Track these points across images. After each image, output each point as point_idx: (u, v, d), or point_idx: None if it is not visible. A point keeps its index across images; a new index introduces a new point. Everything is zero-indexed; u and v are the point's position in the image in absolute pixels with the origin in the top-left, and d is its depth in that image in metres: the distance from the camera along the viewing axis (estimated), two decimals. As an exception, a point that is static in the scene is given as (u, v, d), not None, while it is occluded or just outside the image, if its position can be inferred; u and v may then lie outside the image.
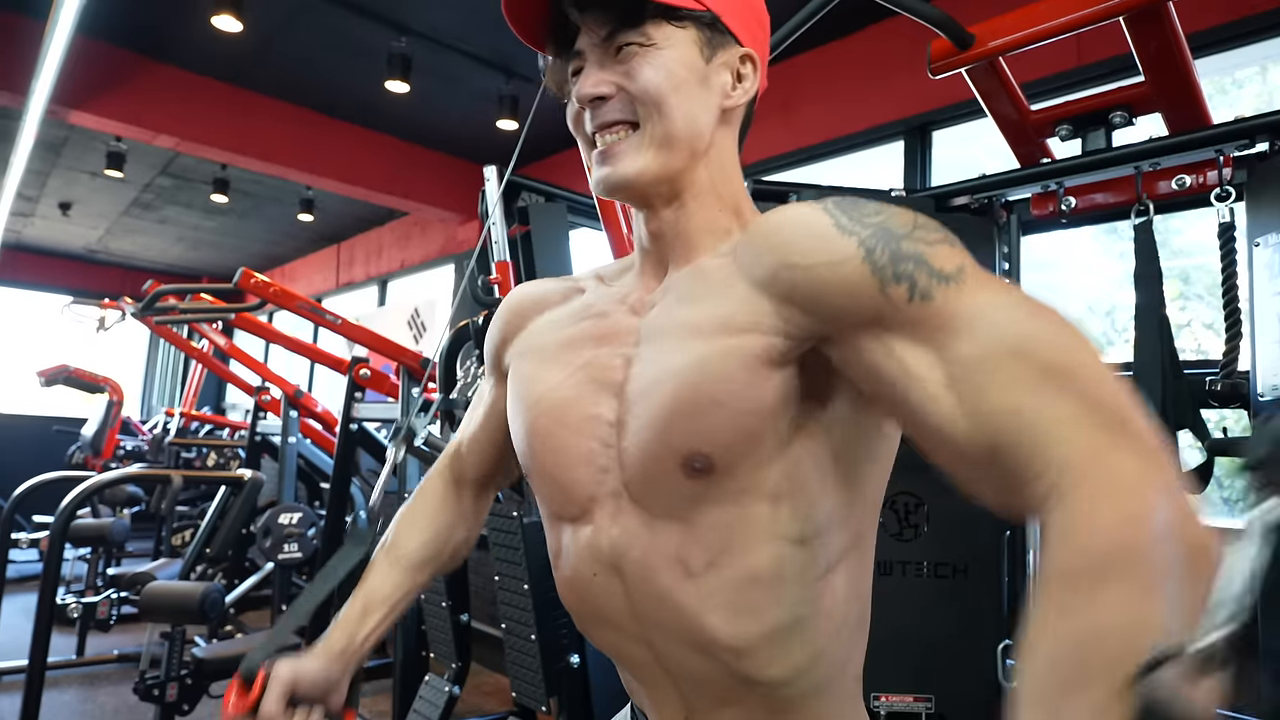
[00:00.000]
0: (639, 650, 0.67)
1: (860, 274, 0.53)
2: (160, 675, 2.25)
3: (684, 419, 0.59)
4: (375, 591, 0.82)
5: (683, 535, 0.61)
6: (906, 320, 0.52)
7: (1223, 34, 2.38)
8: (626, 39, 0.64)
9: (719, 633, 0.61)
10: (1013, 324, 0.49)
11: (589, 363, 0.67)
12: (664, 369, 0.61)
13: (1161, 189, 1.58)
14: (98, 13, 3.06)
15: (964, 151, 3.14)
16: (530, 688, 1.89)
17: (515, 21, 0.68)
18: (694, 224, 0.68)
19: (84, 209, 6.66)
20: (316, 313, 3.26)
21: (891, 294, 0.52)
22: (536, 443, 0.69)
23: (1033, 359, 0.47)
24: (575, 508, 0.67)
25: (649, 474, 0.62)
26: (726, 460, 0.59)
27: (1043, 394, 0.45)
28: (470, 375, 2.02)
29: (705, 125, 0.66)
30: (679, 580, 0.61)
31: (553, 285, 0.79)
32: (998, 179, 1.72)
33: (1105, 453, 0.42)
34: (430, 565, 0.87)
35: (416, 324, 5.79)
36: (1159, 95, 1.54)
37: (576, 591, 0.70)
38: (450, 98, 4.36)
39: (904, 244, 0.53)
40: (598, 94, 0.65)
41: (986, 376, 0.48)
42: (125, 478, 3.13)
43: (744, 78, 0.68)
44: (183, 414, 5.66)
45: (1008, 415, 0.46)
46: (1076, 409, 0.44)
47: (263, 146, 4.60)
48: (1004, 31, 1.49)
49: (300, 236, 7.23)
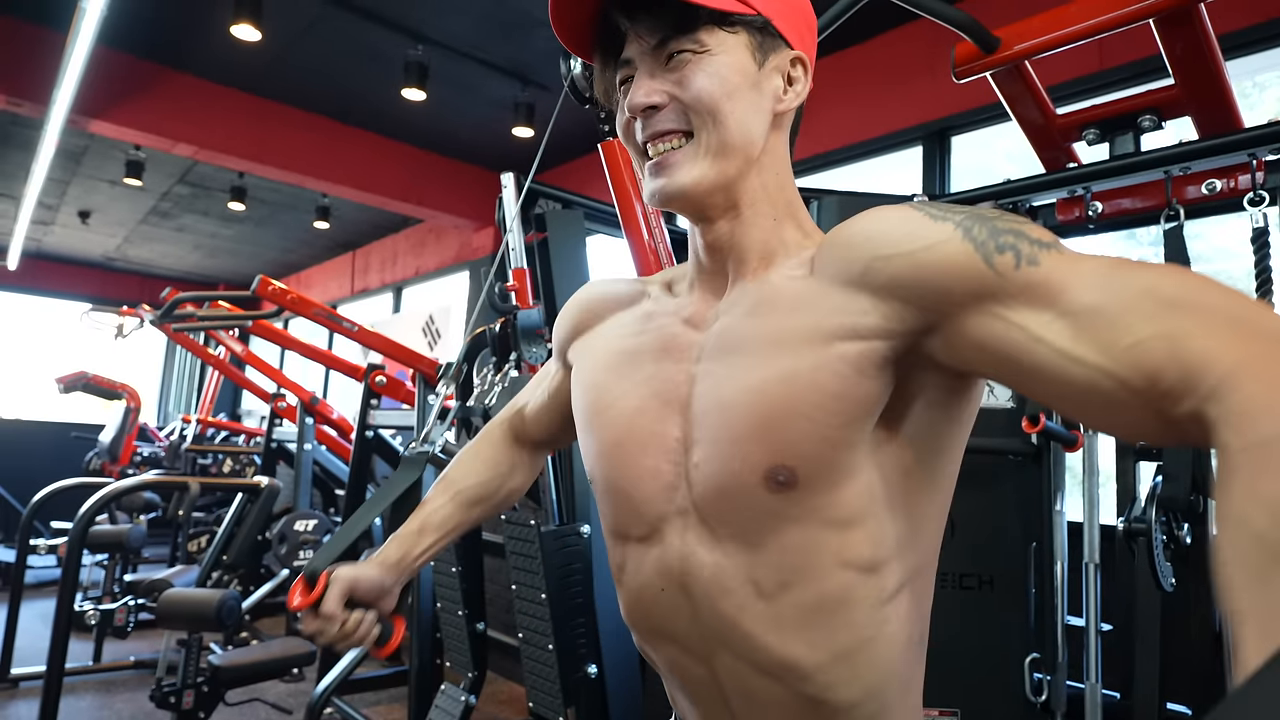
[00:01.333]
0: (699, 669, 0.66)
1: (963, 251, 0.53)
2: (177, 682, 2.25)
3: (768, 432, 0.58)
4: (431, 516, 0.89)
5: (753, 557, 0.61)
6: (1016, 288, 0.51)
7: (1249, 36, 2.34)
8: (678, 46, 0.63)
9: (789, 655, 0.60)
10: (1124, 270, 0.49)
11: (652, 377, 0.67)
12: (741, 384, 0.60)
13: (1191, 194, 1.55)
14: (118, 23, 3.10)
15: (983, 156, 3.11)
16: (547, 698, 1.87)
17: (561, 29, 0.67)
18: (751, 235, 0.66)
19: (103, 217, 6.74)
20: (332, 319, 3.26)
21: (998, 265, 0.52)
22: (608, 460, 0.69)
23: (1159, 294, 0.46)
24: (644, 526, 0.67)
25: (725, 491, 0.61)
26: (809, 474, 0.58)
27: (1182, 319, 0.45)
28: (487, 383, 2.01)
29: (759, 131, 0.65)
30: (750, 602, 0.61)
31: (623, 287, 0.79)
32: (1023, 184, 1.69)
33: (1266, 351, 0.41)
34: (483, 505, 0.92)
35: (431, 331, 5.80)
36: (1189, 98, 1.51)
37: (641, 607, 0.69)
38: (466, 105, 4.38)
39: (998, 223, 0.54)
40: (650, 103, 0.63)
41: (1118, 316, 0.47)
42: (142, 484, 3.14)
43: (795, 80, 0.67)
44: (199, 420, 5.69)
45: (1154, 341, 0.45)
46: (1221, 326, 0.43)
47: (280, 155, 4.64)
48: (1031, 34, 1.47)
49: (316, 244, 7.29)
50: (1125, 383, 0.46)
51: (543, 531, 1.87)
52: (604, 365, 0.72)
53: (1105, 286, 0.49)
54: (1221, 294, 0.45)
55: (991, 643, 1.63)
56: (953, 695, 1.59)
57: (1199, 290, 0.46)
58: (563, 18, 0.66)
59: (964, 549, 1.65)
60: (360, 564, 0.82)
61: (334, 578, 0.79)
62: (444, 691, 2.32)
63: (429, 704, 2.34)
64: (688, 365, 0.65)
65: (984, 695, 1.61)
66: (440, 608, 2.36)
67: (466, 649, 2.27)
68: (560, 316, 0.83)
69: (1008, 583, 1.64)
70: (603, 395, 0.70)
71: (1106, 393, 0.47)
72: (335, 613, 0.77)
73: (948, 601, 1.64)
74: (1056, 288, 0.50)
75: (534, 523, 1.89)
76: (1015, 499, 1.69)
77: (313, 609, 0.77)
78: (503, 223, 2.08)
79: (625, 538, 0.69)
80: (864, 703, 0.62)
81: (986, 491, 1.68)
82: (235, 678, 2.38)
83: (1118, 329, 0.47)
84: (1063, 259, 0.51)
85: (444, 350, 5.56)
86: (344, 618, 0.79)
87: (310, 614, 0.77)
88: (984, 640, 1.63)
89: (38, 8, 3.61)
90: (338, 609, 0.78)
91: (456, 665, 2.33)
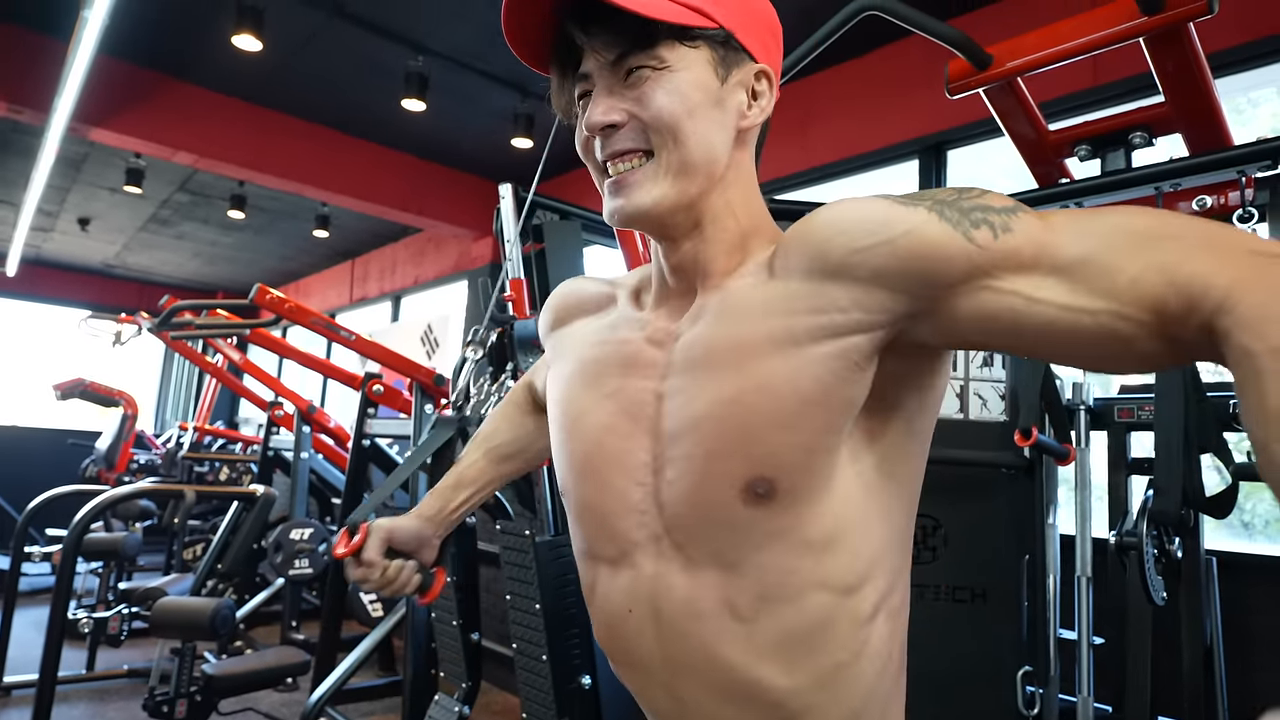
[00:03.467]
0: (665, 700, 0.65)
1: (942, 231, 0.53)
2: (170, 691, 2.25)
3: (745, 446, 0.57)
4: (467, 470, 0.92)
5: (729, 578, 0.60)
6: (999, 257, 0.52)
7: (1240, 55, 2.37)
8: (637, 62, 0.60)
9: (764, 680, 0.59)
10: (1092, 218, 0.51)
11: (618, 391, 0.66)
12: (714, 398, 0.59)
13: (1182, 209, 1.57)
14: (120, 32, 3.12)
15: (978, 171, 3.13)
16: (541, 708, 1.87)
17: (516, 43, 0.65)
18: (714, 250, 0.65)
19: (102, 224, 6.75)
20: (330, 328, 3.27)
21: (977, 239, 0.52)
22: (579, 476, 0.68)
23: (1132, 232, 0.49)
24: (614, 549, 0.66)
25: (700, 508, 0.60)
26: (788, 485, 0.57)
27: (1163, 250, 0.47)
28: (484, 393, 2.02)
29: (722, 149, 0.63)
30: (725, 625, 0.60)
31: (594, 289, 0.77)
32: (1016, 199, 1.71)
33: (1262, 264, 0.44)
34: (515, 460, 0.94)
35: (429, 340, 5.81)
36: (1179, 116, 1.53)
37: (610, 629, 0.68)
38: (466, 116, 4.40)
39: (962, 201, 0.54)
40: (609, 121, 0.61)
41: (1106, 261, 0.49)
42: (138, 492, 3.14)
43: (760, 95, 0.65)
44: (196, 428, 5.69)
45: (1148, 274, 0.47)
46: (1199, 250, 0.46)
47: (280, 163, 4.65)
48: (1023, 52, 1.49)
49: (315, 252, 7.30)
50: (1132, 318, 0.48)
51: (537, 542, 1.87)
52: (572, 374, 0.71)
53: (1084, 235, 0.50)
54: (1185, 222, 0.48)
55: (984, 655, 1.63)
56: (945, 708, 1.60)
57: (1166, 221, 0.49)
58: (516, 29, 0.64)
59: (957, 562, 1.65)
60: (400, 517, 0.86)
61: (373, 528, 0.84)
62: (438, 702, 2.31)
63: (423, 714, 2.33)
64: (654, 383, 0.64)
65: (976, 708, 1.61)
66: (435, 617, 2.36)
67: (461, 659, 2.27)
68: (541, 317, 0.83)
69: (1000, 595, 1.64)
70: (572, 406, 0.70)
71: (1117, 333, 0.48)
72: (376, 560, 0.82)
73: (940, 614, 1.64)
74: (1038, 247, 0.51)
75: (529, 533, 1.89)
76: (1008, 512, 1.70)
77: (355, 557, 0.82)
78: (500, 233, 2.10)
79: (596, 558, 0.68)
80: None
81: (979, 505, 1.69)
82: (229, 687, 2.37)
83: (1112, 271, 0.48)
84: (1032, 221, 0.53)
85: (442, 360, 5.56)
86: (384, 565, 0.83)
87: (354, 561, 0.82)
88: (976, 653, 1.63)
89: (40, 16, 3.63)
90: (378, 556, 0.83)
91: (451, 675, 2.33)
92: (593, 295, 0.77)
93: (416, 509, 0.88)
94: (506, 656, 2.18)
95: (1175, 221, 0.48)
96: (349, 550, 0.82)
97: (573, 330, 0.76)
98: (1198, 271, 0.45)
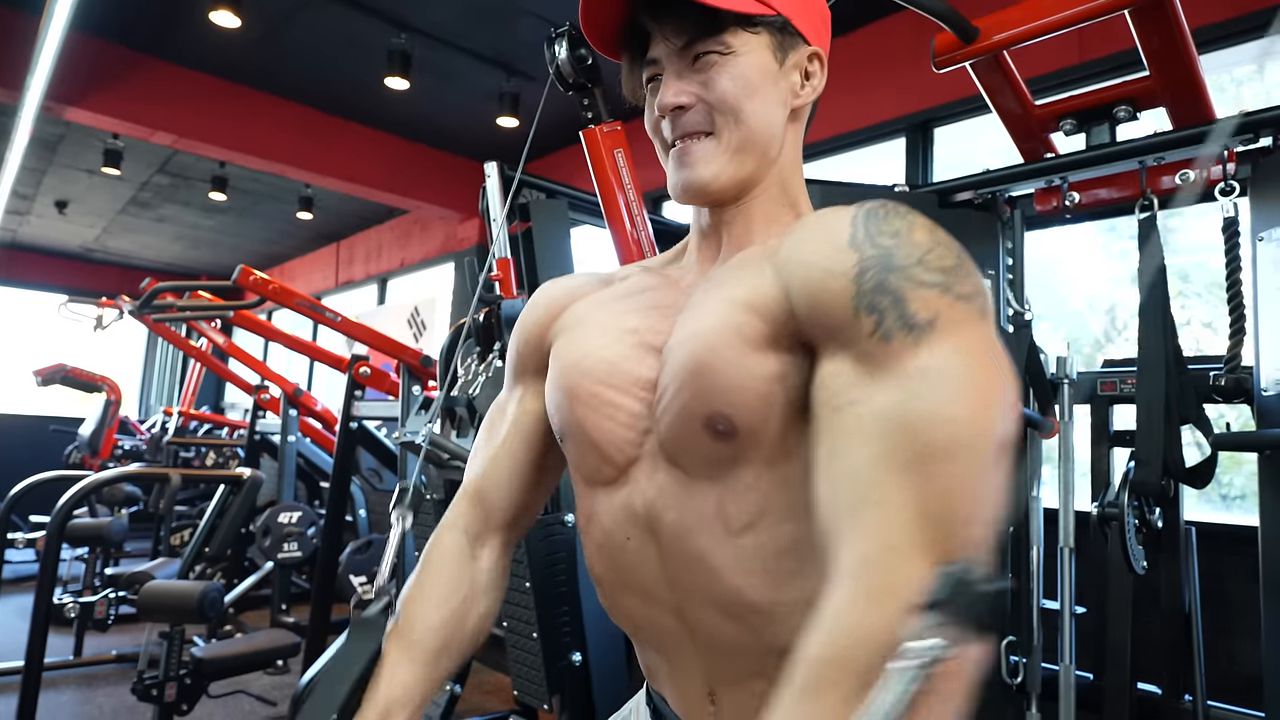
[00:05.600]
0: (667, 619, 0.67)
1: (843, 292, 0.54)
2: (159, 675, 2.24)
3: (702, 379, 0.61)
4: (392, 692, 0.69)
5: (720, 495, 0.62)
6: (863, 351, 0.53)
7: (1224, 30, 2.37)
8: (704, 48, 0.65)
9: (754, 596, 0.61)
10: (930, 396, 0.50)
11: (637, 328, 0.69)
12: (689, 330, 0.64)
13: (1165, 184, 1.58)
14: (93, 8, 3.05)
15: (966, 149, 3.13)
16: (532, 686, 1.88)
17: (590, 31, 0.70)
18: (756, 216, 0.70)
19: (81, 207, 6.64)
20: (316, 310, 3.25)
21: (861, 321, 0.53)
22: (576, 403, 0.69)
23: (916, 440, 0.48)
24: (612, 469, 0.68)
25: (680, 433, 0.63)
26: (748, 424, 0.59)
27: (893, 479, 0.48)
28: (471, 373, 2.01)
29: (778, 127, 0.69)
30: (718, 540, 0.61)
31: (584, 278, 0.80)
32: (1001, 174, 1.71)
33: (898, 556, 0.46)
34: (450, 651, 0.73)
35: (416, 322, 5.78)
36: (1163, 90, 1.54)
37: (608, 557, 0.69)
38: (451, 95, 4.35)
39: (892, 277, 0.53)
40: (679, 103, 0.66)
41: (864, 439, 0.50)
42: (122, 476, 3.12)
43: (812, 75, 0.71)
44: (181, 413, 5.64)
45: (846, 484, 0.50)
46: (910, 506, 0.47)
47: (261, 144, 4.59)
48: (1008, 25, 1.49)
49: (299, 235, 7.22)
50: (816, 501, 0.52)
51: (527, 520, 1.87)
52: (584, 329, 0.73)
53: (898, 402, 0.50)
54: (968, 466, 0.48)
55: (969, 626, 1.65)
56: (931, 678, 1.62)
57: (956, 450, 0.48)
58: (592, 20, 0.69)
59: (942, 534, 1.67)
60: None
61: None
62: (429, 681, 2.32)
63: (414, 693, 2.34)
64: (673, 319, 0.68)
65: (961, 678, 1.64)
66: (425, 597, 2.36)
67: (451, 638, 2.28)
68: (515, 332, 0.81)
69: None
70: (577, 347, 0.72)
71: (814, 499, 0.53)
72: None
73: (926, 586, 1.66)
74: (884, 374, 0.51)
75: (518, 511, 1.89)
76: (993, 485, 1.72)
77: None
78: (486, 212, 2.08)
79: (594, 482, 0.70)
80: None
81: (965, 478, 1.71)
82: (218, 670, 2.37)
83: (850, 453, 0.51)
84: (914, 349, 0.51)
85: (429, 342, 5.54)
86: None
87: None
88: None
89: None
90: None
91: (441, 654, 2.34)
92: (587, 281, 0.80)
93: None
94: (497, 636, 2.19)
95: (964, 463, 0.48)
96: None
97: (579, 306, 0.77)
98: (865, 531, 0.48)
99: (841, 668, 0.44)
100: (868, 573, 0.46)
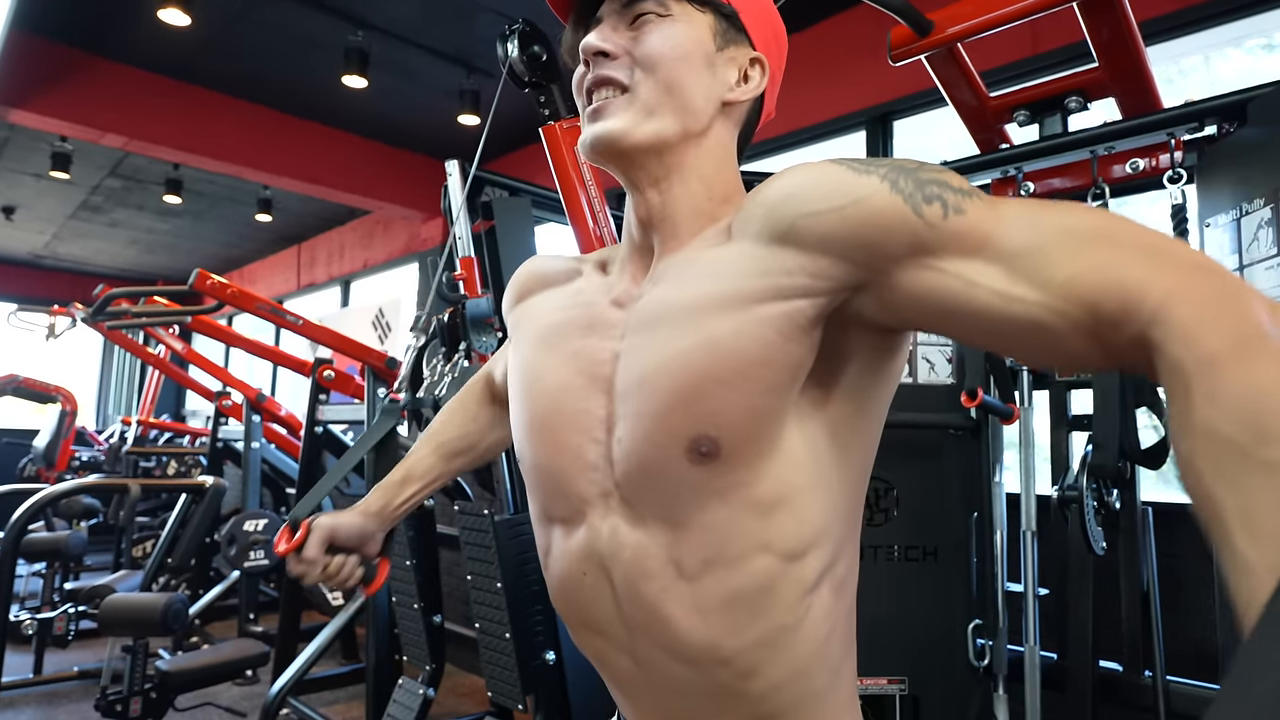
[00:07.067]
0: (623, 659, 0.66)
1: (892, 203, 0.53)
2: (123, 690, 2.19)
3: (690, 402, 0.58)
4: (415, 466, 0.92)
5: (674, 537, 0.60)
6: (947, 237, 0.52)
7: (1170, 22, 2.43)
8: (645, 9, 0.65)
9: (709, 640, 0.60)
10: (1044, 210, 0.51)
11: (578, 353, 0.66)
12: (663, 354, 0.60)
13: (1116, 173, 1.62)
14: (34, 7, 2.95)
15: (925, 141, 3.17)
16: (506, 686, 1.87)
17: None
18: (680, 209, 0.66)
19: (29, 213, 6.44)
20: (277, 313, 3.18)
21: (927, 215, 0.52)
22: (535, 437, 0.68)
23: (1081, 231, 0.49)
24: (568, 507, 0.66)
25: (647, 465, 0.60)
26: (733, 444, 0.57)
27: (1108, 252, 0.47)
28: (437, 374, 1.99)
29: (701, 104, 0.66)
30: (671, 583, 0.60)
31: (560, 265, 0.79)
32: (958, 165, 1.74)
33: (1199, 278, 0.44)
34: (465, 456, 0.94)
35: (381, 324, 5.70)
36: (1112, 80, 1.57)
37: (566, 593, 0.68)
38: (410, 93, 4.29)
39: (920, 174, 0.54)
40: (603, 48, 0.65)
41: (1049, 254, 0.49)
42: (79, 488, 3.03)
43: (750, 79, 0.69)
44: (140, 422, 5.49)
45: (1088, 274, 0.47)
46: (1142, 257, 0.46)
47: (216, 145, 4.48)
48: (962, 17, 1.51)
49: (259, 238, 7.08)
50: (1065, 314, 0.47)
51: (497, 521, 1.86)
52: (534, 340, 0.71)
53: (1031, 227, 0.50)
54: (1131, 228, 0.48)
55: (936, 611, 1.68)
56: (900, 664, 1.65)
57: (1112, 225, 0.48)
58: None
59: (908, 522, 1.70)
60: (342, 512, 0.87)
61: (315, 525, 0.85)
62: (402, 686, 2.30)
63: (387, 699, 2.32)
64: (612, 343, 0.65)
65: (930, 662, 1.66)
66: (396, 601, 2.34)
67: (424, 642, 2.26)
68: (505, 295, 0.83)
69: (950, 553, 1.70)
70: (530, 369, 0.70)
71: (1048, 326, 0.48)
72: (316, 558, 0.83)
73: (893, 573, 1.69)
74: (985, 233, 0.51)
75: (488, 512, 1.88)
76: (956, 472, 1.75)
77: (296, 554, 0.84)
78: (449, 211, 2.06)
79: (551, 520, 0.69)
80: (786, 690, 0.61)
81: (928, 465, 1.74)
82: (185, 682, 2.32)
83: (1051, 265, 0.48)
84: (985, 205, 0.52)
85: (395, 344, 5.47)
86: (325, 561, 0.85)
87: (294, 558, 0.84)
88: (929, 609, 1.68)
89: (-53, -9, 3.42)
90: (318, 554, 0.84)
91: (414, 659, 2.31)
92: (557, 269, 0.78)
93: (361, 504, 0.89)
94: (470, 639, 2.18)
95: (1122, 226, 0.48)
96: (290, 547, 0.84)
97: (535, 302, 0.76)
98: (1135, 278, 0.45)
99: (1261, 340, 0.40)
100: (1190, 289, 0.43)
